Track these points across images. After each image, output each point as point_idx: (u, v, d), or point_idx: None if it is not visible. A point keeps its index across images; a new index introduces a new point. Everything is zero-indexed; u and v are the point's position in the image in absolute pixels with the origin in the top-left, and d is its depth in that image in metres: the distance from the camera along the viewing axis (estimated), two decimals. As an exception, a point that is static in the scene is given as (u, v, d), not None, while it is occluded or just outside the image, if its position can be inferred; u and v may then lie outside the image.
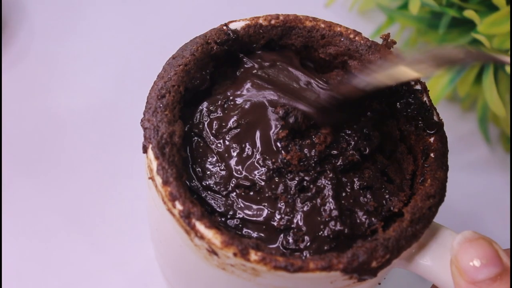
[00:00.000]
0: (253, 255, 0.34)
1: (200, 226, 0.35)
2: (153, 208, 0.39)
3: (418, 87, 0.42)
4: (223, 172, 0.39)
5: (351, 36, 0.45)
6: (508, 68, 0.56)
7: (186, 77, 0.41)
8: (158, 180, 0.36)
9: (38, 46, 0.69)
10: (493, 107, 0.59)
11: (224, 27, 0.43)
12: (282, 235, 0.37)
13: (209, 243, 0.35)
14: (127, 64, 0.69)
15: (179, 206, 0.35)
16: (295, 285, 0.36)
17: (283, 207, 0.38)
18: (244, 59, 0.44)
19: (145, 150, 0.38)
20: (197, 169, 0.39)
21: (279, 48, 0.46)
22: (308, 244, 0.37)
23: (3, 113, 0.63)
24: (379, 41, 0.45)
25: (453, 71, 0.62)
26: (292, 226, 0.37)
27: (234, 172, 0.39)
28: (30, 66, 0.68)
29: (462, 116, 0.69)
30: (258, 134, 0.40)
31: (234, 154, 0.40)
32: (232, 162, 0.39)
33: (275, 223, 0.38)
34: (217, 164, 0.39)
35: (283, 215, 0.38)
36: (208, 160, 0.40)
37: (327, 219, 0.37)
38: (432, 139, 0.41)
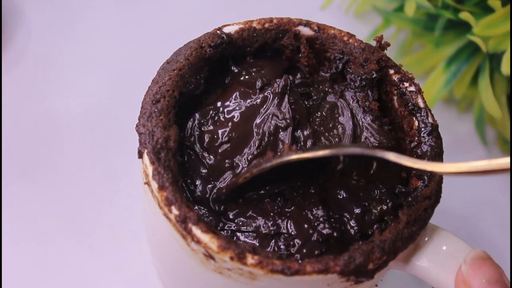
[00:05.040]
0: (250, 259, 0.35)
1: (196, 231, 0.35)
2: (149, 213, 0.40)
3: (412, 88, 0.42)
4: (215, 186, 0.40)
5: (345, 38, 0.45)
6: (504, 70, 0.56)
7: (180, 81, 0.42)
8: (154, 185, 0.37)
9: (36, 50, 0.70)
10: (489, 109, 0.59)
11: (218, 31, 0.44)
12: (273, 241, 0.38)
13: (205, 248, 0.35)
14: (124, 68, 0.69)
15: (175, 211, 0.36)
16: (292, 289, 0.36)
17: (272, 214, 0.39)
18: (234, 67, 0.45)
19: (140, 155, 0.39)
20: (188, 181, 0.40)
21: (273, 51, 0.46)
22: (299, 248, 0.38)
23: (1, 116, 0.63)
24: (375, 44, 0.45)
25: (449, 72, 0.62)
26: (282, 231, 0.38)
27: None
28: (27, 70, 0.68)
29: (458, 118, 0.69)
30: (247, 148, 0.41)
31: (225, 167, 0.40)
32: (223, 175, 0.40)
33: (265, 230, 0.39)
34: (209, 178, 0.40)
35: (272, 222, 0.39)
36: (200, 173, 0.41)
37: (315, 223, 0.38)
38: (426, 140, 0.40)
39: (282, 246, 0.38)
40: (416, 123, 0.42)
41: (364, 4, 0.74)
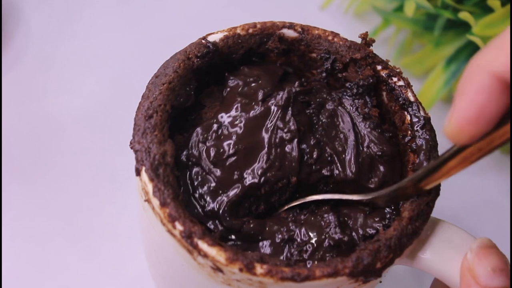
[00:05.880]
0: (259, 269, 0.35)
1: (203, 245, 0.35)
2: (150, 230, 0.40)
3: (401, 83, 0.43)
4: (225, 198, 0.41)
5: (330, 38, 0.45)
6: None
7: (171, 95, 0.42)
8: (155, 202, 0.37)
9: (36, 50, 0.70)
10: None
11: (203, 41, 0.44)
12: (286, 248, 0.39)
13: (213, 261, 0.35)
14: (124, 67, 0.69)
15: (179, 226, 0.36)
16: (303, 294, 0.37)
17: (287, 222, 0.40)
18: (231, 78, 0.45)
19: (138, 173, 0.38)
20: (197, 197, 0.40)
21: (259, 56, 0.47)
22: (311, 254, 0.39)
23: (1, 116, 0.63)
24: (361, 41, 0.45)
25: (449, 72, 0.62)
26: (296, 237, 0.39)
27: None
28: (27, 69, 0.69)
29: (458, 117, 0.69)
30: (256, 162, 0.41)
31: (234, 179, 0.41)
32: (232, 187, 0.41)
33: (279, 237, 0.39)
34: (218, 191, 0.41)
35: (286, 229, 0.40)
36: (209, 187, 0.41)
37: (327, 229, 0.40)
38: (420, 134, 0.41)
39: (295, 252, 0.39)
40: (408, 117, 0.42)
41: (364, 4, 0.75)
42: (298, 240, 0.39)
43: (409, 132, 0.42)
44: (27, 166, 0.61)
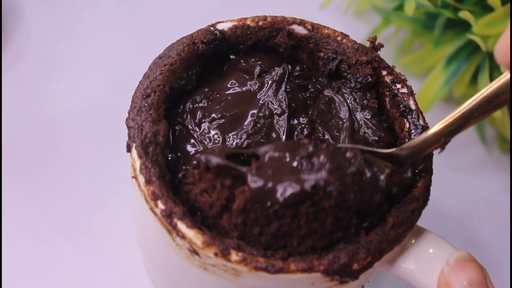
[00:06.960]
0: (234, 256, 0.35)
1: (181, 226, 0.36)
2: (137, 208, 0.41)
3: (404, 90, 0.43)
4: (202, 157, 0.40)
5: (339, 38, 0.46)
6: (503, 69, 0.56)
7: (171, 76, 0.43)
8: (141, 179, 0.38)
9: (35, 49, 0.72)
10: (489, 108, 0.59)
11: (211, 28, 0.44)
12: (303, 164, 0.36)
13: (190, 243, 0.36)
14: (123, 66, 0.70)
15: (161, 205, 0.37)
16: (276, 286, 0.37)
17: (304, 146, 0.38)
18: (232, 55, 0.46)
19: (129, 149, 0.40)
20: (178, 154, 0.41)
21: (266, 49, 0.47)
22: (331, 171, 0.35)
23: (1, 116, 0.64)
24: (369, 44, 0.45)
25: (449, 71, 0.62)
26: (314, 158, 0.36)
27: None
28: (27, 69, 0.70)
29: (457, 117, 0.68)
30: (241, 126, 0.41)
31: (214, 139, 0.41)
32: (211, 144, 0.41)
33: (294, 158, 0.37)
34: (198, 150, 0.41)
35: (303, 149, 0.37)
36: (191, 147, 0.41)
37: (352, 160, 0.37)
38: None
39: (307, 165, 0.36)
40: (407, 125, 0.42)
41: (364, 3, 0.75)
42: (316, 161, 0.36)
43: (406, 140, 0.42)
44: (27, 166, 0.62)
